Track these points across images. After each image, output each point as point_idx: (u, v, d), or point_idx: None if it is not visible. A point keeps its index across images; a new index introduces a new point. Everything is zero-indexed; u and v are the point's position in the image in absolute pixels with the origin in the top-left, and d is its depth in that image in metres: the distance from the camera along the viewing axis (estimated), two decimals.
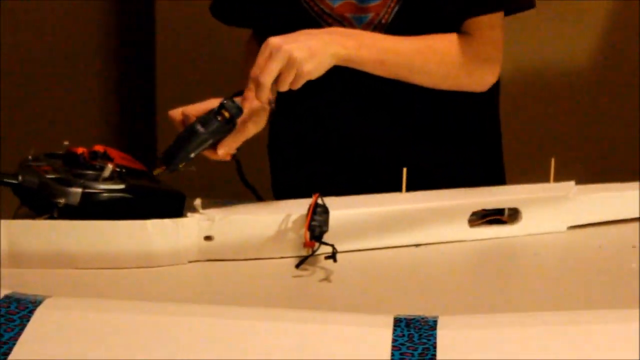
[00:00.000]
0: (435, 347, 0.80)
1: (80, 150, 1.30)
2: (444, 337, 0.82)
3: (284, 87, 1.26)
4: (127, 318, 0.84)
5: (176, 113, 1.32)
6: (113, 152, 1.32)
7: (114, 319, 0.84)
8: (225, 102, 1.25)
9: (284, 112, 1.48)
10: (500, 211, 1.32)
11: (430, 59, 1.39)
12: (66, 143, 1.34)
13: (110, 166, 1.22)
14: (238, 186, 1.43)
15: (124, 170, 1.25)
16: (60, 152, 1.33)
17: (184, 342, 0.82)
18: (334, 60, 1.30)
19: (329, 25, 1.42)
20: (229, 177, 1.43)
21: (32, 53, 2.38)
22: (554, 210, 1.32)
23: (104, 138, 2.38)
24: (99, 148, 1.32)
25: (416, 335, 0.82)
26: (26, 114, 2.39)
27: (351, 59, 1.32)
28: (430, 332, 0.82)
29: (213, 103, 1.28)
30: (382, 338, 0.82)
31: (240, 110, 1.25)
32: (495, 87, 1.51)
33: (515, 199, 1.32)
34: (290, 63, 1.24)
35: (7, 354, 0.79)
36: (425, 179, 1.34)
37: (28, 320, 0.82)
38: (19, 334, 0.81)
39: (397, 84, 1.40)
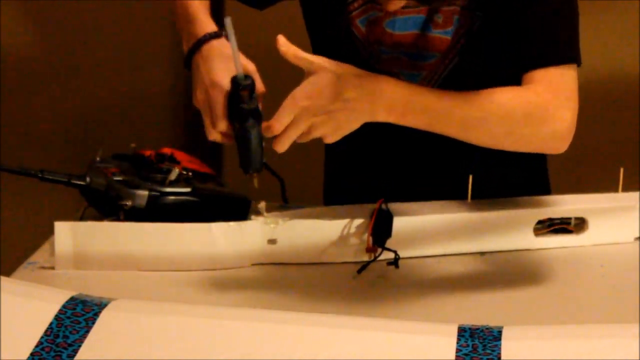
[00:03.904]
0: (499, 358, 0.80)
1: (148, 152, 1.31)
2: (508, 348, 0.81)
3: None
4: (191, 321, 0.85)
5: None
6: (180, 155, 1.33)
7: (178, 321, 0.85)
8: (238, 82, 1.16)
9: None
10: (566, 220, 1.31)
11: (490, 115, 1.20)
12: (133, 145, 1.35)
13: (176, 169, 1.23)
14: (303, 191, 1.44)
15: (190, 174, 1.26)
16: (128, 154, 1.34)
17: (246, 346, 0.82)
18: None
19: (378, 72, 1.32)
20: (294, 182, 1.44)
21: (100, 54, 2.40)
22: (621, 221, 1.31)
23: (171, 141, 2.40)
24: (166, 151, 1.33)
25: (480, 345, 0.81)
26: (94, 116, 2.42)
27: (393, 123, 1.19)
28: (495, 343, 0.81)
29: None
30: (446, 347, 0.81)
31: (252, 81, 1.17)
32: None
33: (582, 209, 1.30)
34: (310, 134, 1.14)
35: (72, 356, 0.80)
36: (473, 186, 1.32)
37: (94, 323, 0.83)
38: (84, 336, 0.82)
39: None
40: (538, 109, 1.21)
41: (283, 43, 1.17)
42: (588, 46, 1.41)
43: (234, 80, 1.17)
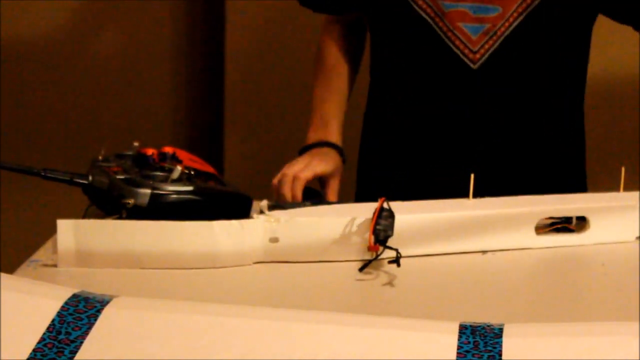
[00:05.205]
0: (500, 355, 0.80)
1: (150, 151, 1.31)
2: (509, 345, 0.81)
3: None
4: (193, 319, 0.85)
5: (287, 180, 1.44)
6: (182, 154, 1.34)
7: (180, 319, 0.85)
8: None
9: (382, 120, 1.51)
10: (568, 219, 1.31)
11: None
12: (136, 144, 1.35)
13: (179, 168, 1.23)
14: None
15: (192, 172, 1.26)
16: (130, 153, 1.34)
17: (248, 343, 0.82)
18: None
19: (440, 28, 1.43)
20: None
21: (102, 55, 2.41)
22: (622, 220, 1.31)
23: (173, 139, 2.40)
24: (168, 149, 1.33)
25: (482, 342, 0.81)
26: (97, 115, 2.42)
27: None
28: (496, 340, 0.81)
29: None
30: (447, 345, 0.81)
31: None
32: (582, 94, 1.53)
33: (584, 208, 1.30)
34: None
35: (75, 352, 0.80)
36: (511, 186, 1.35)
37: (96, 319, 0.83)
38: (86, 332, 0.82)
39: (497, 93, 1.41)
40: None
41: None
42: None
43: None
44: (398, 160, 1.57)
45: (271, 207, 1.23)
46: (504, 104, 1.46)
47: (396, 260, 1.17)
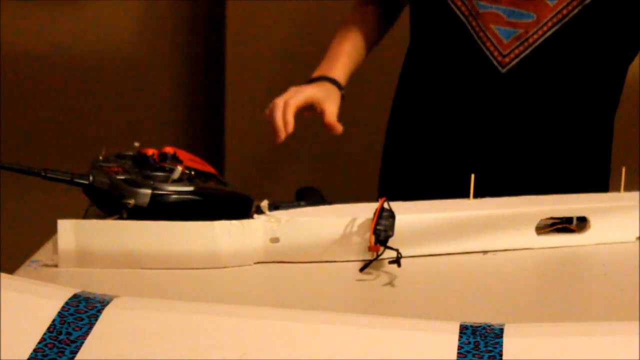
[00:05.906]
0: (501, 355, 0.80)
1: (151, 151, 1.31)
2: (510, 345, 0.81)
3: None
4: (194, 319, 0.85)
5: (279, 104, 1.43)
6: (183, 154, 1.34)
7: (180, 319, 0.85)
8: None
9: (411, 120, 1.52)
10: (568, 219, 1.31)
11: None
12: (137, 144, 1.35)
13: (179, 168, 1.23)
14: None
15: (193, 173, 1.26)
16: (131, 153, 1.34)
17: (248, 343, 0.82)
18: None
19: (473, 28, 1.43)
20: (298, 180, 1.44)
21: (102, 55, 2.41)
22: (623, 220, 1.31)
23: (174, 139, 2.40)
24: (168, 150, 1.33)
25: (482, 342, 0.81)
26: (97, 115, 2.42)
27: None
28: (497, 340, 0.81)
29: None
30: (447, 345, 0.81)
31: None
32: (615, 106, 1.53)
33: (584, 208, 1.31)
34: None
35: (75, 352, 0.80)
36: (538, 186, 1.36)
37: (96, 320, 0.83)
38: (87, 332, 0.82)
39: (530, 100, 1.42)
40: None
41: None
42: None
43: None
44: (419, 156, 1.57)
45: (271, 207, 1.23)
46: (528, 109, 1.46)
47: (397, 261, 1.17)
